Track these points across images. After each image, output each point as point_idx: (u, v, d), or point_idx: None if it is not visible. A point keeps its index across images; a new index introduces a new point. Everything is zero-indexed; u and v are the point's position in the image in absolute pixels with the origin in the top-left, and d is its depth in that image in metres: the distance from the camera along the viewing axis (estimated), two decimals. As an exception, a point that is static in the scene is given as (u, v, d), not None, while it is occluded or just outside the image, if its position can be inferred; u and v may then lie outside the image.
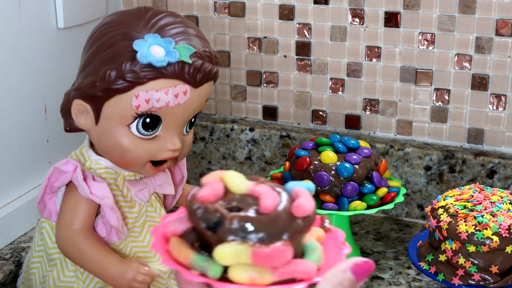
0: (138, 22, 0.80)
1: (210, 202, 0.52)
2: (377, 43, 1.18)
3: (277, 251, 0.50)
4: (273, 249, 0.50)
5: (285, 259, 0.51)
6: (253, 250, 0.50)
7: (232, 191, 0.53)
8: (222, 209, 0.51)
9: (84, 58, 0.82)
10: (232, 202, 0.52)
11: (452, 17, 1.13)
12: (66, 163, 0.83)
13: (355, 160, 1.02)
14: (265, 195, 0.52)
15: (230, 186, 0.53)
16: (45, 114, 1.10)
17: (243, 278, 0.50)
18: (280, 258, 0.50)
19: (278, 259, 0.50)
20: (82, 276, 0.86)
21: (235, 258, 0.50)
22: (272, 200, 0.52)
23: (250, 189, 0.53)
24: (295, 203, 0.52)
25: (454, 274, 0.92)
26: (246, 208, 0.51)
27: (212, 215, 0.51)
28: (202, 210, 0.51)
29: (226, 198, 0.53)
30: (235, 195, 0.53)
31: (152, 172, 0.84)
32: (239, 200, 0.52)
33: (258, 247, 0.50)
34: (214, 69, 0.81)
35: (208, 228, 0.51)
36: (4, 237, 1.03)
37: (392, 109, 1.21)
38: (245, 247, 0.50)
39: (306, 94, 1.25)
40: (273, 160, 1.25)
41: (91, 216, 0.84)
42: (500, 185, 1.14)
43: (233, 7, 1.24)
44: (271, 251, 0.50)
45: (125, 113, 0.79)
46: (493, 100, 1.15)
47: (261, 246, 0.50)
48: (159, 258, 0.89)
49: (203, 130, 1.27)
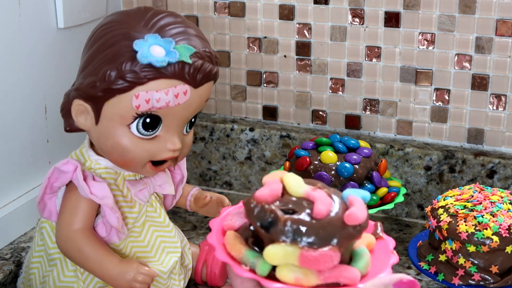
0: (138, 22, 0.80)
1: (267, 202, 0.54)
2: (377, 43, 1.18)
3: (324, 255, 0.52)
4: (320, 253, 0.52)
5: (331, 263, 0.52)
6: (301, 253, 0.52)
7: (290, 193, 0.55)
8: (277, 210, 0.53)
9: (84, 58, 0.82)
10: (288, 204, 0.54)
11: (452, 17, 1.13)
12: (66, 163, 0.83)
13: (355, 160, 1.02)
14: (319, 201, 0.54)
15: (288, 188, 0.56)
16: (45, 114, 1.10)
17: (289, 278, 0.52)
18: (326, 262, 0.52)
19: (324, 263, 0.52)
20: (82, 276, 0.86)
21: (284, 259, 0.52)
22: (325, 206, 0.54)
23: (306, 193, 0.55)
24: (347, 212, 0.54)
25: (454, 274, 0.92)
26: (300, 211, 0.53)
27: (267, 215, 0.53)
28: (258, 209, 0.54)
29: (283, 200, 0.55)
30: (292, 197, 0.55)
31: (152, 172, 0.84)
32: (295, 203, 0.54)
33: (306, 250, 0.52)
34: (214, 69, 0.81)
35: (262, 227, 0.53)
36: (4, 237, 1.03)
37: (392, 109, 1.21)
38: (294, 249, 0.52)
39: (306, 94, 1.25)
40: (273, 160, 1.25)
41: (91, 216, 0.84)
42: (500, 185, 1.14)
43: (233, 7, 1.24)
44: (319, 255, 0.52)
45: (125, 113, 0.79)
46: (493, 100, 1.15)
47: (309, 250, 0.52)
48: (159, 258, 0.89)
49: (203, 130, 1.27)
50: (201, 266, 0.97)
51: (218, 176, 1.28)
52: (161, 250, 0.90)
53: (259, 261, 0.53)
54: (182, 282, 0.93)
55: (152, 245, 0.89)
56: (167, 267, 0.89)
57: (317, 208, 0.53)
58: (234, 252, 0.55)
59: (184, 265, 0.94)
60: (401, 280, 0.51)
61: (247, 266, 0.54)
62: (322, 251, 0.52)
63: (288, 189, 0.56)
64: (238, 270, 0.53)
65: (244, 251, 0.54)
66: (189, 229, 1.14)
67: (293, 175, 0.57)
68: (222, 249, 0.55)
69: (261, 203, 0.54)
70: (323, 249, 0.52)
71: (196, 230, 1.14)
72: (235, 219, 0.57)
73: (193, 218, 1.17)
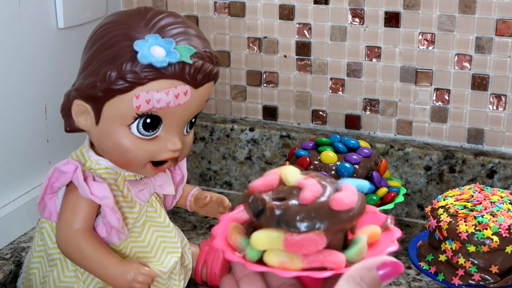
0: (138, 23, 0.80)
1: (259, 192, 0.56)
2: (377, 43, 1.18)
3: (308, 239, 0.53)
4: (303, 237, 0.53)
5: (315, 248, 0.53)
6: (285, 237, 0.53)
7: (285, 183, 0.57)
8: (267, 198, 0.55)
9: (85, 59, 0.82)
10: (279, 193, 0.56)
11: (452, 17, 1.13)
12: (66, 163, 0.83)
13: (355, 160, 1.02)
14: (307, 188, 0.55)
15: (283, 179, 0.57)
16: (45, 114, 1.10)
17: (274, 262, 0.54)
18: (310, 246, 0.53)
19: (307, 247, 0.53)
20: (82, 277, 0.86)
21: (269, 244, 0.54)
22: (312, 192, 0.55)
23: (298, 181, 0.56)
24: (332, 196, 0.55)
25: (454, 274, 0.92)
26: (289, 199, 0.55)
27: (258, 204, 0.55)
28: (251, 198, 0.56)
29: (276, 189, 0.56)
30: (285, 187, 0.57)
31: (152, 172, 0.84)
32: (286, 192, 0.56)
33: (290, 234, 0.53)
34: (214, 69, 0.81)
35: (254, 215, 0.55)
36: (4, 237, 1.03)
37: (392, 109, 1.21)
38: (279, 234, 0.53)
39: (306, 94, 1.25)
40: (273, 160, 1.25)
41: (92, 217, 0.84)
42: (500, 185, 1.14)
43: (233, 7, 1.24)
44: (302, 239, 0.53)
45: (125, 113, 0.79)
46: (493, 100, 1.15)
47: (293, 234, 0.53)
48: (159, 259, 0.89)
49: (203, 130, 1.27)
50: (201, 266, 0.98)
51: (218, 176, 1.28)
52: (161, 250, 0.90)
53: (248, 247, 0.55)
54: (182, 282, 0.93)
55: (152, 245, 0.89)
56: (167, 267, 0.89)
57: (304, 194, 0.54)
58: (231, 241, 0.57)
59: (184, 265, 0.94)
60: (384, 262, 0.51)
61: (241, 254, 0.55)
62: (305, 235, 0.53)
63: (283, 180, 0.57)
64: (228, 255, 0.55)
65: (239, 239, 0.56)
66: (189, 229, 1.14)
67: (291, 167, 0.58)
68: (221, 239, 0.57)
69: (254, 193, 0.56)
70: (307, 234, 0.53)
71: (196, 230, 1.14)
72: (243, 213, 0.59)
73: (193, 218, 1.17)
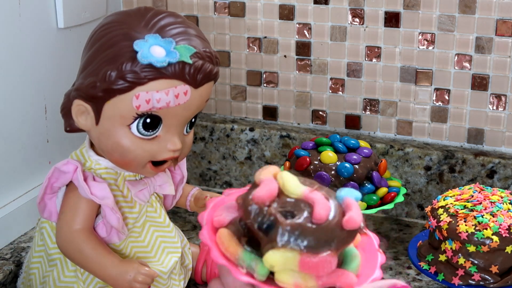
0: (138, 23, 0.80)
1: (264, 204, 0.54)
2: (377, 43, 1.18)
3: (324, 261, 0.53)
4: (320, 258, 0.52)
5: (330, 268, 0.53)
6: (301, 258, 0.52)
7: (287, 193, 0.55)
8: (277, 213, 0.53)
9: (85, 59, 0.82)
10: (286, 206, 0.54)
11: (452, 17, 1.13)
12: (66, 163, 0.83)
13: (355, 160, 1.02)
14: (318, 204, 0.54)
15: (285, 188, 0.55)
16: (45, 114, 1.10)
17: (289, 283, 0.53)
18: (325, 267, 0.53)
19: (323, 268, 0.53)
20: (82, 277, 0.86)
21: (284, 264, 0.52)
22: (325, 210, 0.53)
23: (305, 194, 0.55)
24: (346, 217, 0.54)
25: (454, 274, 0.92)
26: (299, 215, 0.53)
27: (266, 218, 0.53)
28: (256, 210, 0.53)
29: (281, 200, 0.54)
30: (289, 198, 0.55)
31: (152, 172, 0.84)
32: (293, 205, 0.54)
33: (306, 256, 0.52)
34: (214, 69, 0.81)
35: (260, 229, 0.53)
36: (4, 237, 1.03)
37: (392, 109, 1.21)
38: (294, 254, 0.52)
39: (306, 94, 1.25)
40: (273, 160, 1.25)
41: (92, 217, 0.84)
42: (500, 185, 1.14)
43: (233, 7, 1.24)
44: (319, 261, 0.52)
45: (125, 113, 0.79)
46: (493, 100, 1.15)
47: (309, 255, 0.52)
48: (159, 259, 0.89)
49: (203, 130, 1.27)
50: (201, 266, 0.97)
51: (218, 176, 1.28)
52: (161, 250, 0.90)
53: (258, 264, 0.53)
54: (182, 282, 0.93)
55: (152, 245, 0.89)
56: (167, 267, 0.89)
57: (317, 212, 0.53)
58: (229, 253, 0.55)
59: (184, 265, 0.94)
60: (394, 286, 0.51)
61: (243, 269, 0.54)
62: (321, 257, 0.52)
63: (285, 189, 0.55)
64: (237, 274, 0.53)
65: (240, 253, 0.54)
66: (189, 229, 1.14)
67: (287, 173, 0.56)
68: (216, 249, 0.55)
69: (259, 204, 0.54)
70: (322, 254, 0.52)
71: (196, 230, 1.14)
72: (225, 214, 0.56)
73: (193, 218, 1.17)
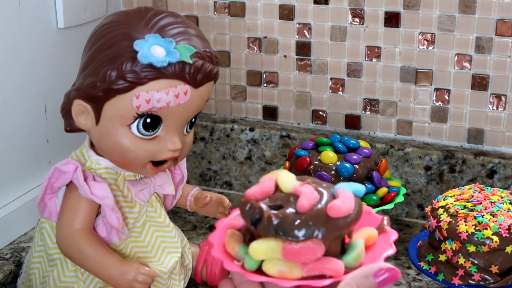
0: (138, 23, 0.80)
1: (256, 200, 0.55)
2: (377, 43, 1.18)
3: (306, 248, 0.53)
4: (302, 246, 0.53)
5: (314, 256, 0.53)
6: (284, 246, 0.53)
7: (281, 189, 0.56)
8: (264, 206, 0.54)
9: (85, 59, 0.82)
10: (276, 201, 0.55)
11: (452, 17, 1.13)
12: (66, 163, 0.83)
13: (355, 160, 1.02)
14: (304, 195, 0.54)
15: (280, 185, 0.56)
16: (45, 114, 1.10)
17: (273, 271, 0.53)
18: (308, 255, 0.53)
19: (306, 255, 0.53)
20: (83, 277, 0.86)
21: (267, 253, 0.53)
22: (309, 200, 0.54)
23: (294, 188, 0.56)
24: (329, 204, 0.54)
25: (454, 274, 0.92)
26: (286, 207, 0.54)
27: (255, 212, 0.54)
28: (248, 206, 0.55)
29: (273, 197, 0.56)
30: (282, 194, 0.56)
31: (152, 172, 0.84)
32: (283, 199, 0.55)
33: (288, 243, 0.53)
34: (214, 69, 0.81)
35: (251, 223, 0.55)
36: (4, 237, 1.03)
37: (392, 109, 1.21)
38: (277, 243, 0.53)
39: (306, 94, 1.25)
40: (273, 160, 1.25)
41: (92, 217, 0.84)
42: (500, 185, 1.14)
43: (233, 7, 1.24)
44: (300, 248, 0.53)
45: (125, 113, 0.79)
46: (493, 100, 1.15)
47: (291, 243, 0.53)
48: (159, 258, 0.89)
49: (203, 130, 1.27)
50: (201, 266, 0.97)
51: (218, 176, 1.28)
52: (161, 250, 0.90)
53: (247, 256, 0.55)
54: (182, 282, 0.93)
55: (153, 245, 0.89)
56: (167, 267, 0.89)
57: (300, 202, 0.54)
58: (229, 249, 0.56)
59: (184, 265, 0.94)
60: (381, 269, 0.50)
61: (239, 262, 0.55)
62: (304, 244, 0.53)
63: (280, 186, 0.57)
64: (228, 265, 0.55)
65: (237, 248, 0.56)
66: (189, 229, 1.14)
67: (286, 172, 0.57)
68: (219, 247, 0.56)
69: (251, 201, 0.55)
70: (305, 242, 0.52)
71: (196, 230, 1.14)
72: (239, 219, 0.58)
73: (193, 218, 1.17)
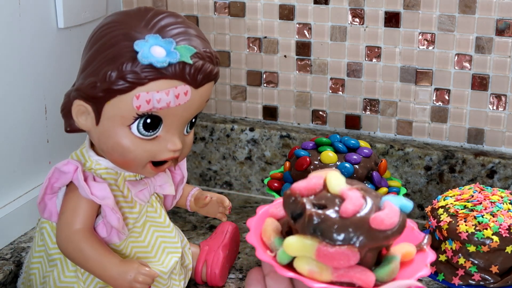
0: (138, 23, 0.80)
1: (301, 195, 0.55)
2: (377, 43, 1.18)
3: (341, 253, 0.53)
4: (337, 250, 0.53)
5: (347, 262, 0.53)
6: (319, 247, 0.53)
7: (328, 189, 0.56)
8: (308, 203, 0.54)
9: (85, 59, 0.82)
10: (321, 200, 0.55)
11: (452, 17, 1.14)
12: (66, 163, 0.83)
13: (355, 160, 1.02)
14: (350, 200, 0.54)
15: (328, 185, 0.56)
16: (45, 114, 1.10)
17: (303, 269, 0.53)
18: (342, 260, 0.53)
19: (339, 260, 0.53)
20: (83, 277, 0.86)
21: (301, 251, 0.53)
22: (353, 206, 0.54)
23: (342, 191, 0.55)
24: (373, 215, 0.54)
25: (454, 274, 0.92)
26: (330, 208, 0.54)
27: (298, 207, 0.54)
28: (292, 200, 0.55)
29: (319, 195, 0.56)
30: (328, 194, 0.56)
31: (152, 172, 0.84)
32: (328, 199, 0.55)
33: (324, 245, 0.53)
34: (214, 69, 0.81)
35: (292, 217, 0.55)
36: (4, 237, 1.03)
37: (392, 109, 1.21)
38: (313, 242, 0.53)
39: (306, 94, 1.25)
40: (273, 160, 1.25)
41: (92, 217, 0.84)
42: (500, 185, 1.14)
43: (233, 7, 1.24)
44: (335, 252, 0.53)
45: (125, 113, 0.79)
46: (493, 100, 1.15)
47: (327, 245, 0.53)
48: (159, 259, 0.89)
49: (203, 130, 1.27)
50: (201, 266, 0.98)
51: (218, 176, 1.28)
52: (162, 250, 0.90)
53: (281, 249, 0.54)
54: (182, 282, 0.93)
55: (153, 245, 0.89)
56: (167, 267, 0.89)
57: (345, 206, 0.54)
58: (265, 238, 0.56)
59: (184, 265, 0.94)
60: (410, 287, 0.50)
61: (272, 253, 0.55)
62: (339, 249, 0.52)
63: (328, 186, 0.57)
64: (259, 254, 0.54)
65: (273, 238, 0.56)
66: (189, 229, 1.14)
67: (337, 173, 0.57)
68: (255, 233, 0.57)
69: (295, 195, 0.55)
70: (341, 247, 0.52)
71: (196, 230, 1.14)
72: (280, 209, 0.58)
73: (193, 218, 1.17)
